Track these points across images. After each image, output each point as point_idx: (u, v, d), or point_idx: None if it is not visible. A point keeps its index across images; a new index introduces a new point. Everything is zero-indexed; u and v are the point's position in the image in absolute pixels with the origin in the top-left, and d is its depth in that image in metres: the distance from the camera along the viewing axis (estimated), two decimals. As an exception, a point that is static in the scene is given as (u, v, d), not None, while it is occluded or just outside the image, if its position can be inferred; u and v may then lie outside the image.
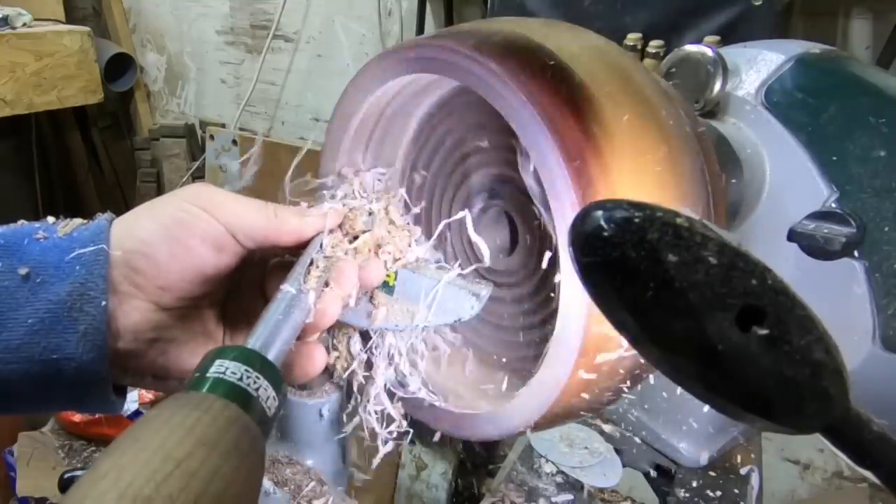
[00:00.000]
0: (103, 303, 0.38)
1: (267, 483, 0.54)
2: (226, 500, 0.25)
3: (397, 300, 0.44)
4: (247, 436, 0.28)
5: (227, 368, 0.31)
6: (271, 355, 0.34)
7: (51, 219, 0.41)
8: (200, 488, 0.25)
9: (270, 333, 0.35)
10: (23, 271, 0.38)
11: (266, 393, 0.31)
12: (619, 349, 0.38)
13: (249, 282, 0.45)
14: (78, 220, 0.41)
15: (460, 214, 0.47)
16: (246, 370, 0.31)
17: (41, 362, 0.37)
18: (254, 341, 0.34)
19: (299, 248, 0.42)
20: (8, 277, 0.38)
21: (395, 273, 0.44)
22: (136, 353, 0.41)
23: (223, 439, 0.27)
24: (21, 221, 0.41)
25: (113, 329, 0.39)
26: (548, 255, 0.47)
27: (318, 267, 0.40)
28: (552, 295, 0.47)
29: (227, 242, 0.41)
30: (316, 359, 0.42)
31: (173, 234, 0.40)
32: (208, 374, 0.31)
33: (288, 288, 0.38)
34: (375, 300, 0.44)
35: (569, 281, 0.37)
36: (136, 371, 0.42)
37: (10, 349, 0.37)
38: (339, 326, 0.46)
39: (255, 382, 0.31)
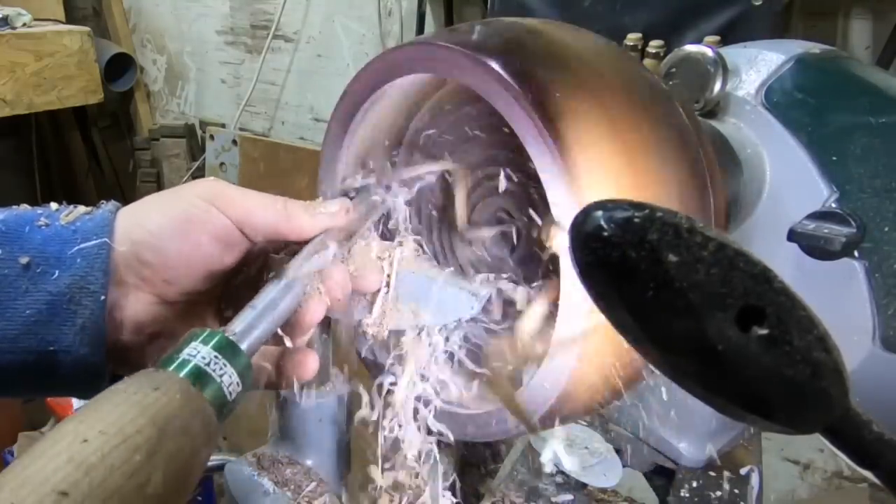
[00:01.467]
0: (102, 297, 0.38)
1: (267, 483, 0.54)
2: (165, 474, 0.28)
3: (397, 300, 0.44)
4: (199, 418, 0.31)
5: (198, 352, 0.32)
6: (245, 344, 0.35)
7: (53, 205, 0.41)
8: (140, 462, 0.27)
9: (250, 324, 0.36)
10: (23, 260, 0.37)
11: (230, 379, 0.33)
12: (619, 349, 0.38)
13: (248, 278, 0.45)
14: (81, 209, 0.41)
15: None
16: (215, 356, 0.32)
17: (38, 353, 0.37)
18: (232, 328, 0.35)
19: (305, 244, 0.42)
20: (8, 265, 0.37)
21: (395, 273, 0.44)
22: (137, 345, 0.41)
23: (174, 420, 0.29)
24: (23, 206, 0.41)
25: (116, 320, 0.39)
26: (547, 254, 0.47)
27: (313, 266, 0.40)
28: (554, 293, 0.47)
29: (235, 239, 0.41)
30: (307, 365, 0.42)
31: (183, 230, 0.40)
32: (179, 355, 0.32)
33: (276, 281, 0.38)
34: (373, 300, 0.44)
35: (569, 280, 0.37)
36: (135, 364, 0.41)
37: (7, 339, 0.37)
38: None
39: (221, 369, 0.32)
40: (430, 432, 0.46)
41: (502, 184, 0.49)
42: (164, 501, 0.28)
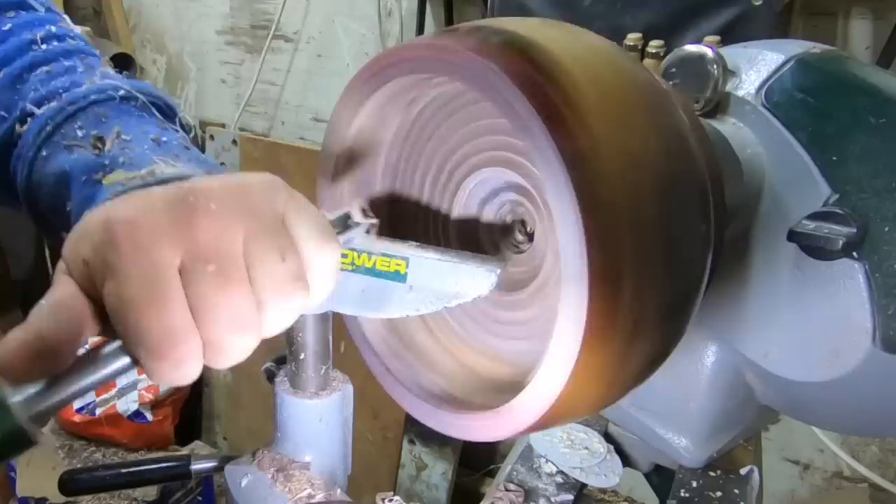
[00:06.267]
0: None
1: (267, 483, 0.54)
2: None
3: (412, 287, 0.44)
4: None
5: None
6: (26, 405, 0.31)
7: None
8: None
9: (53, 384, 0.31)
10: None
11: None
12: (619, 350, 0.38)
13: None
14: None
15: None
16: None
17: None
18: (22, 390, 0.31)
19: None
20: None
21: (406, 261, 0.44)
22: None
23: None
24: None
25: None
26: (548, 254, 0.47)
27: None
28: (553, 295, 0.47)
29: None
30: None
31: None
32: None
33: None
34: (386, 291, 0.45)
35: (570, 280, 0.37)
36: None
37: None
38: None
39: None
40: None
41: (501, 184, 0.49)
42: None
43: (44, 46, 0.53)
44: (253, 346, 0.34)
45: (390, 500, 0.51)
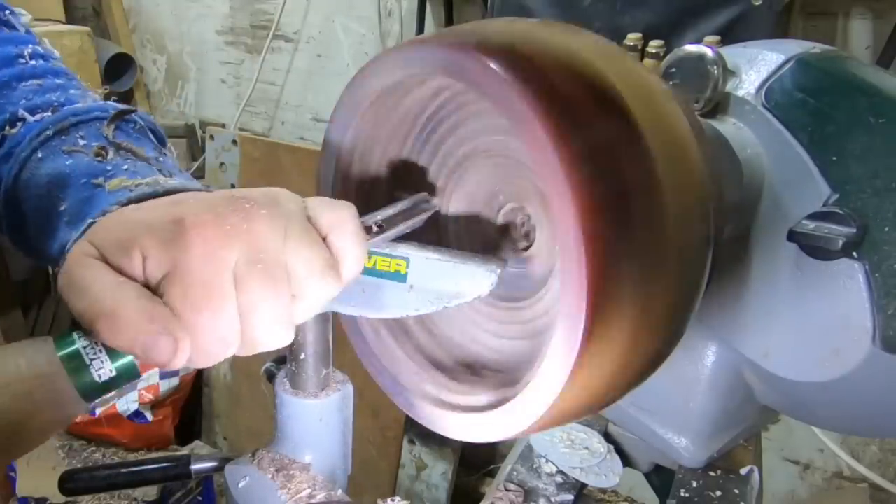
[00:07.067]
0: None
1: (267, 483, 0.54)
2: None
3: (412, 287, 0.44)
4: (45, 388, 0.34)
5: (83, 335, 0.35)
6: None
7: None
8: None
9: None
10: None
11: (101, 365, 0.35)
12: (619, 351, 0.38)
13: None
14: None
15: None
16: (94, 342, 0.35)
17: None
18: None
19: None
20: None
21: (407, 261, 0.44)
22: None
23: (17, 382, 0.33)
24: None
25: None
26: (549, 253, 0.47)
27: None
28: (553, 295, 0.47)
29: None
30: None
31: None
32: (70, 330, 0.35)
33: None
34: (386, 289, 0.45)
35: (569, 280, 0.37)
36: None
37: None
38: None
39: (95, 354, 0.35)
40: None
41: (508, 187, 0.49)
42: None
43: (32, 62, 0.55)
44: (289, 340, 0.37)
45: (392, 501, 0.51)
